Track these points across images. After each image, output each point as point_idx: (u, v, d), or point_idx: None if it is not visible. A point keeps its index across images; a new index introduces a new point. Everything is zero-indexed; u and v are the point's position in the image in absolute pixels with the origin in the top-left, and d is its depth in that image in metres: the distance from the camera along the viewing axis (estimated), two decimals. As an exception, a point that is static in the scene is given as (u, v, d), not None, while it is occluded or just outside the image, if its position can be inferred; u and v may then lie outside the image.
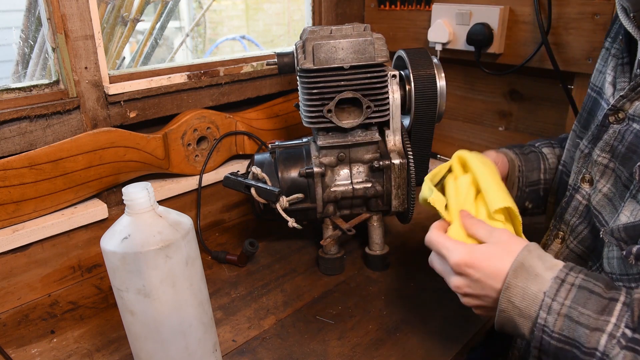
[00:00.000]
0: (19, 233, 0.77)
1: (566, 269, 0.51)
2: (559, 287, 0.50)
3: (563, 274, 0.51)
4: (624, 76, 0.64)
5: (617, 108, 0.60)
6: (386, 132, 0.87)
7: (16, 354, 0.71)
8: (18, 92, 0.78)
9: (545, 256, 0.53)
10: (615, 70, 0.66)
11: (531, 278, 0.51)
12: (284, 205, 0.83)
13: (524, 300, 0.51)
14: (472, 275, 0.55)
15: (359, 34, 0.80)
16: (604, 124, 0.64)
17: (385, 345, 0.71)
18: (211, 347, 0.62)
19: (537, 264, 0.52)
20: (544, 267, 0.52)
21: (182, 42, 2.22)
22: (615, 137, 0.62)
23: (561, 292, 0.50)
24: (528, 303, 0.51)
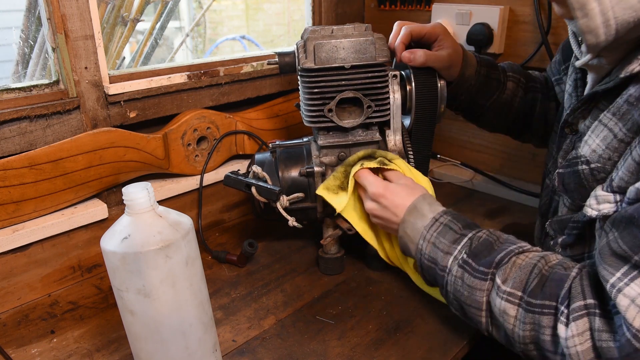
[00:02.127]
0: (19, 233, 0.77)
1: (442, 213, 0.70)
2: (433, 224, 0.69)
3: (439, 215, 0.70)
4: (576, 91, 0.72)
5: (569, 122, 0.69)
6: (387, 132, 0.87)
7: (16, 354, 0.71)
8: (18, 92, 0.78)
9: (434, 203, 0.72)
10: (573, 83, 0.73)
11: (419, 216, 0.71)
12: (285, 205, 0.83)
13: (413, 231, 0.71)
14: (382, 202, 0.74)
15: (360, 34, 0.80)
16: (562, 135, 0.72)
17: (385, 345, 0.71)
18: (211, 347, 0.62)
19: (425, 208, 0.71)
20: (429, 210, 0.71)
21: (182, 42, 2.22)
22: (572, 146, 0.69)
23: (433, 227, 0.69)
24: (415, 233, 0.71)
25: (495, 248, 0.64)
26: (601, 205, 0.57)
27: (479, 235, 0.66)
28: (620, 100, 0.58)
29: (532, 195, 1.11)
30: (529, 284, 0.58)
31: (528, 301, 0.57)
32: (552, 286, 0.57)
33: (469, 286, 0.63)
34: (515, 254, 0.62)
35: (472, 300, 0.63)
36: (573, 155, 0.64)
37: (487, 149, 1.24)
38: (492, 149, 1.23)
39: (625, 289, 0.49)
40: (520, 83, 0.89)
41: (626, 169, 0.54)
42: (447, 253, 0.66)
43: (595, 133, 0.61)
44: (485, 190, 1.20)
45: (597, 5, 0.53)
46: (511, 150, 1.19)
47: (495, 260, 0.62)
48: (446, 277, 0.66)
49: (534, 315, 0.56)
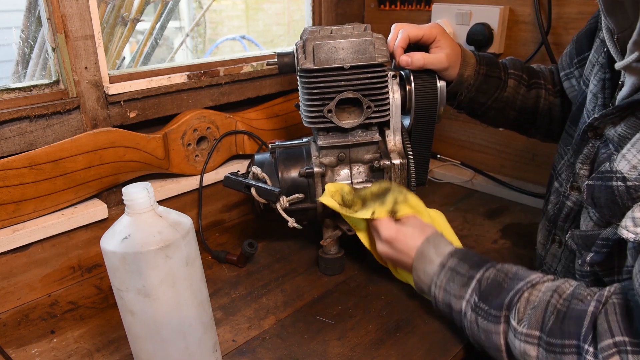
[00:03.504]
0: (19, 233, 0.77)
1: (448, 256, 0.70)
2: (441, 270, 0.69)
3: (445, 260, 0.70)
4: (604, 93, 0.67)
5: (595, 126, 0.65)
6: (386, 132, 0.87)
7: (16, 354, 0.71)
8: (18, 92, 0.78)
9: (439, 245, 0.72)
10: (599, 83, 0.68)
11: (427, 262, 0.71)
12: (284, 205, 0.83)
13: (424, 277, 0.72)
14: (395, 246, 0.75)
15: (359, 34, 0.80)
16: (584, 138, 0.67)
17: (385, 345, 0.71)
18: (211, 347, 0.62)
19: (431, 252, 0.71)
20: (435, 254, 0.71)
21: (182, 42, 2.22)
22: (595, 151, 0.66)
23: (442, 274, 0.69)
24: (427, 279, 0.71)
25: (505, 287, 0.62)
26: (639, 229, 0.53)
27: (486, 275, 0.65)
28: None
29: (532, 195, 1.11)
30: (546, 323, 0.56)
31: (548, 341, 0.56)
32: (570, 324, 0.55)
33: (485, 330, 0.63)
34: (525, 290, 0.60)
35: (491, 343, 0.62)
36: (606, 169, 0.59)
37: (487, 149, 1.24)
38: (492, 149, 1.23)
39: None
40: (522, 80, 0.88)
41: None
42: (460, 297, 0.66)
43: (636, 148, 0.55)
44: (485, 190, 1.20)
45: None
46: (511, 150, 1.19)
47: (505, 302, 0.61)
48: (463, 322, 0.66)
49: (556, 355, 0.55)
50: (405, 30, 0.83)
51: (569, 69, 0.84)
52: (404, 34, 0.82)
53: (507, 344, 0.61)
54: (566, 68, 0.85)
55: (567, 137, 0.77)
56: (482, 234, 1.01)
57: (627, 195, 0.56)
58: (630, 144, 0.56)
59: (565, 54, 0.87)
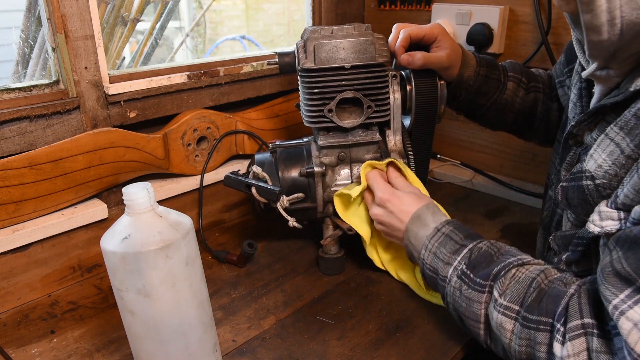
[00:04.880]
0: (19, 233, 0.77)
1: (444, 223, 0.70)
2: (435, 234, 0.70)
3: (441, 225, 0.70)
4: (581, 101, 0.69)
5: (574, 134, 0.67)
6: (387, 132, 0.87)
7: (16, 354, 0.71)
8: (18, 92, 0.78)
9: (437, 213, 0.73)
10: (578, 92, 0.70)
11: (422, 226, 0.72)
12: (285, 205, 0.83)
13: (416, 240, 0.72)
14: (388, 207, 0.75)
15: (360, 34, 0.80)
16: (565, 146, 0.69)
17: (385, 345, 0.71)
18: (211, 347, 0.62)
19: (428, 217, 0.72)
20: (432, 219, 0.72)
21: (182, 42, 2.22)
22: (577, 158, 0.67)
23: (435, 237, 0.69)
24: (418, 242, 0.71)
25: (495, 260, 0.63)
26: (604, 222, 0.55)
27: (479, 246, 0.65)
28: (628, 114, 0.55)
29: (532, 195, 1.11)
30: (527, 298, 0.57)
31: (524, 316, 0.56)
32: (549, 302, 0.55)
33: (467, 298, 0.63)
34: (514, 266, 0.61)
35: (470, 312, 0.62)
36: (578, 169, 0.61)
37: (487, 149, 1.24)
38: (492, 149, 1.23)
39: (629, 312, 0.47)
40: (522, 83, 0.89)
41: (632, 187, 0.52)
42: (447, 263, 0.66)
43: (601, 147, 0.58)
44: (485, 190, 1.20)
45: (605, 2, 0.50)
46: (511, 150, 1.19)
47: (493, 272, 0.61)
48: (446, 288, 0.66)
49: (530, 330, 0.55)
50: (406, 30, 0.83)
51: (561, 77, 0.86)
52: (405, 34, 0.82)
53: (487, 314, 0.61)
54: (559, 76, 0.87)
55: (557, 146, 0.77)
56: (482, 234, 1.00)
57: (597, 193, 0.58)
58: (597, 143, 0.59)
59: (558, 62, 0.88)
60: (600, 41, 0.53)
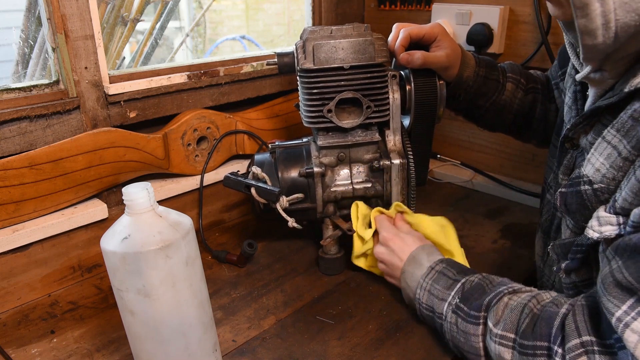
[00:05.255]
0: (19, 233, 0.77)
1: (438, 261, 0.72)
2: (429, 272, 0.71)
3: (435, 264, 0.71)
4: (576, 104, 0.68)
5: (570, 137, 0.66)
6: (386, 132, 0.87)
7: (16, 354, 0.71)
8: (18, 92, 0.78)
9: (432, 253, 0.74)
10: (572, 95, 0.69)
11: (417, 266, 0.73)
12: (284, 205, 0.83)
13: (412, 281, 0.73)
14: (391, 246, 0.78)
15: (359, 34, 0.80)
16: (562, 150, 0.69)
17: (385, 345, 0.71)
18: (211, 347, 0.62)
19: (423, 258, 0.74)
20: (427, 260, 0.73)
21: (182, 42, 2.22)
22: (573, 161, 0.67)
23: (429, 275, 0.70)
24: (413, 283, 0.72)
25: (487, 291, 0.63)
26: (603, 227, 0.54)
27: (471, 279, 0.66)
28: (624, 115, 0.54)
29: (532, 195, 1.11)
30: (520, 325, 0.57)
31: (521, 343, 0.56)
32: (542, 325, 0.55)
33: (464, 332, 0.63)
34: (505, 294, 0.61)
35: (470, 346, 0.62)
36: (576, 174, 0.60)
37: (487, 149, 1.24)
38: (492, 149, 1.23)
39: (633, 324, 0.46)
40: (520, 84, 0.89)
41: (629, 190, 0.51)
42: (442, 299, 0.67)
43: (598, 151, 0.57)
44: (485, 190, 1.20)
45: (599, 6, 0.50)
46: (511, 150, 1.19)
47: (485, 303, 0.61)
48: (444, 325, 0.66)
49: (528, 357, 0.55)
50: (406, 30, 0.83)
51: (556, 79, 0.86)
52: (405, 34, 0.82)
53: (486, 347, 0.61)
54: (554, 78, 0.87)
55: (553, 149, 0.77)
56: (482, 234, 1.01)
57: (595, 198, 0.57)
58: (594, 147, 0.58)
59: (553, 65, 0.89)
60: (595, 45, 0.53)
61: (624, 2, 0.49)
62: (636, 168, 0.51)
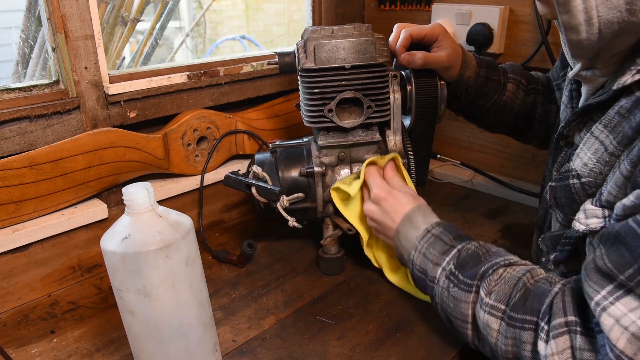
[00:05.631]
0: (19, 233, 0.77)
1: (434, 224, 0.70)
2: (424, 235, 0.69)
3: (431, 227, 0.70)
4: (572, 103, 0.70)
5: (564, 135, 0.67)
6: (387, 132, 0.87)
7: (16, 354, 0.71)
8: (18, 92, 0.78)
9: (428, 214, 0.73)
10: (568, 94, 0.71)
11: (413, 227, 0.71)
12: (285, 205, 0.83)
13: (406, 242, 0.72)
14: (383, 206, 0.75)
15: (360, 34, 0.80)
16: (557, 147, 0.70)
17: (385, 345, 0.71)
18: (211, 347, 0.62)
19: (419, 219, 0.72)
20: (423, 221, 0.71)
21: (182, 42, 2.22)
22: (567, 159, 0.68)
23: (424, 238, 0.69)
24: (408, 244, 0.71)
25: (483, 260, 0.63)
26: (589, 220, 0.56)
27: (467, 247, 0.66)
28: (611, 112, 0.56)
29: (532, 195, 1.11)
30: (512, 297, 0.57)
31: (510, 315, 0.56)
32: (534, 301, 0.56)
33: (455, 298, 0.63)
34: (501, 266, 0.61)
35: (458, 312, 0.62)
36: (565, 169, 0.62)
37: (487, 149, 1.24)
38: (492, 149, 1.23)
39: (610, 308, 0.48)
40: (521, 85, 0.89)
41: (614, 184, 0.53)
42: (436, 264, 0.66)
43: (587, 146, 0.59)
44: (485, 190, 1.20)
45: (581, 3, 0.51)
46: (511, 150, 1.19)
47: (480, 272, 0.61)
48: (435, 289, 0.66)
49: (515, 329, 0.56)
50: (407, 30, 0.83)
51: (558, 80, 0.86)
52: (406, 34, 0.82)
53: (474, 314, 0.61)
54: (556, 79, 0.87)
55: (551, 147, 0.77)
56: (482, 234, 1.01)
57: (583, 192, 0.59)
58: (582, 142, 0.60)
59: (555, 65, 0.89)
60: (579, 40, 0.54)
61: None
62: (621, 162, 0.53)
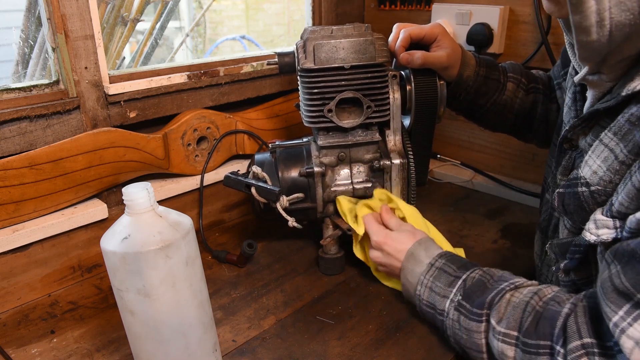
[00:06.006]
0: (19, 233, 0.77)
1: (437, 257, 0.71)
2: (429, 269, 0.70)
3: (434, 260, 0.71)
4: (575, 105, 0.69)
5: (569, 138, 0.66)
6: (386, 132, 0.87)
7: (16, 354, 0.71)
8: (18, 92, 0.78)
9: (430, 248, 0.74)
10: (572, 96, 0.70)
11: (417, 263, 0.72)
12: (284, 205, 0.83)
13: (412, 277, 0.72)
14: (385, 250, 0.77)
15: (359, 34, 0.80)
16: (561, 150, 0.69)
17: (385, 345, 0.71)
18: (211, 347, 0.62)
19: (421, 253, 0.73)
20: (425, 255, 0.72)
21: (182, 42, 2.22)
22: (572, 162, 0.67)
23: (429, 272, 0.70)
24: (413, 280, 0.72)
25: (489, 287, 0.63)
26: (600, 231, 0.55)
27: (472, 275, 0.66)
28: (621, 119, 0.55)
29: (532, 195, 1.11)
30: (524, 323, 0.57)
31: (524, 341, 0.56)
32: (545, 325, 0.56)
33: (467, 329, 0.63)
34: (507, 290, 0.61)
35: (472, 343, 0.63)
36: (574, 175, 0.61)
37: (487, 149, 1.24)
38: (492, 149, 1.23)
39: (629, 330, 0.47)
40: (521, 84, 0.89)
41: (626, 195, 0.51)
42: (444, 297, 0.67)
43: (595, 153, 0.58)
44: (485, 190, 1.20)
45: (594, 4, 0.50)
46: (511, 150, 1.19)
47: (487, 300, 0.62)
48: (445, 322, 0.67)
49: (531, 356, 0.55)
50: (407, 30, 0.83)
51: (558, 79, 0.86)
52: (405, 34, 0.82)
53: (488, 343, 0.61)
54: (557, 78, 0.87)
55: (553, 148, 0.77)
56: (482, 234, 1.01)
57: (592, 200, 0.58)
58: (591, 150, 0.58)
59: (556, 64, 0.89)
60: (589, 42, 0.53)
61: (619, 1, 0.49)
62: (633, 173, 0.51)
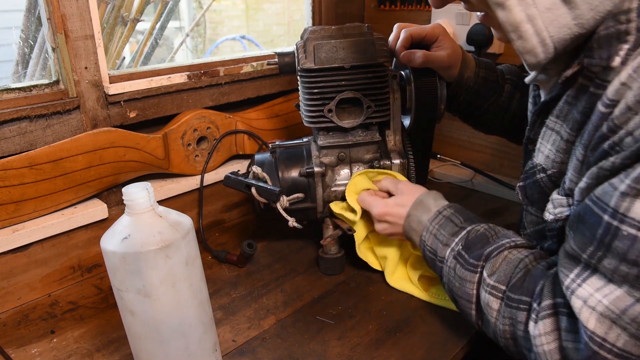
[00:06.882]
0: (19, 233, 0.77)
1: (446, 206, 0.72)
2: (436, 217, 0.71)
3: (442, 208, 0.71)
4: (534, 108, 0.71)
5: (531, 138, 0.68)
6: (386, 132, 0.87)
7: (16, 354, 0.71)
8: (18, 92, 0.78)
9: (439, 198, 0.74)
10: (533, 99, 0.72)
11: (425, 210, 0.73)
12: (285, 205, 0.83)
13: (418, 225, 0.73)
14: (389, 220, 0.77)
15: (360, 34, 0.80)
16: (526, 151, 0.71)
17: (385, 345, 0.71)
18: (211, 347, 0.62)
19: (430, 202, 0.73)
20: (434, 204, 0.73)
21: (182, 42, 2.22)
22: None
23: (436, 220, 0.71)
24: (420, 226, 0.72)
25: (490, 241, 0.64)
26: (557, 209, 0.57)
27: (477, 228, 0.67)
28: (560, 102, 0.58)
29: (532, 195, 1.11)
30: (512, 279, 0.58)
31: (509, 295, 0.58)
32: (530, 282, 0.57)
33: (460, 278, 0.64)
34: (506, 247, 0.62)
35: (463, 292, 0.64)
36: (530, 166, 0.64)
37: (487, 149, 1.24)
38: (492, 149, 1.23)
39: (578, 291, 0.49)
40: (518, 86, 0.89)
41: (573, 170, 0.54)
42: (446, 245, 0.68)
43: (545, 139, 0.61)
44: (485, 190, 1.20)
45: (530, 27, 0.52)
46: (511, 150, 1.19)
47: (485, 253, 0.62)
48: (443, 268, 0.68)
49: (512, 310, 0.57)
50: (407, 30, 0.83)
51: None
52: (406, 34, 0.83)
53: (478, 295, 0.62)
54: None
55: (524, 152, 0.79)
56: (482, 234, 1.01)
57: (551, 183, 0.61)
58: (541, 136, 0.62)
59: None
60: (538, 62, 0.55)
61: (552, 20, 0.51)
62: (575, 147, 0.54)
